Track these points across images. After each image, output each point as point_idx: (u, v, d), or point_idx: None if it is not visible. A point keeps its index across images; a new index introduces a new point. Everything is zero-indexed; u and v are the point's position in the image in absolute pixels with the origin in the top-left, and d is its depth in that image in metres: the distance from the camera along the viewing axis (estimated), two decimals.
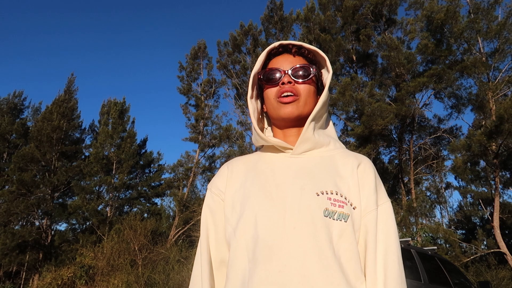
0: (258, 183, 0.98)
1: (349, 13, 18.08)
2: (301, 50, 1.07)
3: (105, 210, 22.42)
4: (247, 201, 0.95)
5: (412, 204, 16.60)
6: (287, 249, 0.86)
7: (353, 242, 0.90)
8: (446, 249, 16.70)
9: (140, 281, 12.24)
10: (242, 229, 0.93)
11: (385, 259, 0.90)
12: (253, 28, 21.96)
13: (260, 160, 1.05)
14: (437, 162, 19.08)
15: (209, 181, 1.16)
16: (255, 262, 0.88)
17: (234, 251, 0.93)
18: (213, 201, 1.05)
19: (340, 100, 16.84)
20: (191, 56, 23.69)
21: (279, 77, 1.02)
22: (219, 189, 1.05)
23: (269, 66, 1.07)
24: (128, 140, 23.34)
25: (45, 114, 23.00)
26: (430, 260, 5.83)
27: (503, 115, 13.23)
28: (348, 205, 0.92)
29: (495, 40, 16.33)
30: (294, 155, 1.01)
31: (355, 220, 0.92)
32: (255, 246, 0.89)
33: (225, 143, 22.54)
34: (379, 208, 0.96)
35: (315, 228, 0.88)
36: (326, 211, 0.89)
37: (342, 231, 0.89)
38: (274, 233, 0.89)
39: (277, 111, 1.02)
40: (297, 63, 1.03)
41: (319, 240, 0.87)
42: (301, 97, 1.01)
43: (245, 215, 0.93)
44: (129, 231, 14.51)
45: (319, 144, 1.02)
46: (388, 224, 0.95)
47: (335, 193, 0.93)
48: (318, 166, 0.99)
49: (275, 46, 1.08)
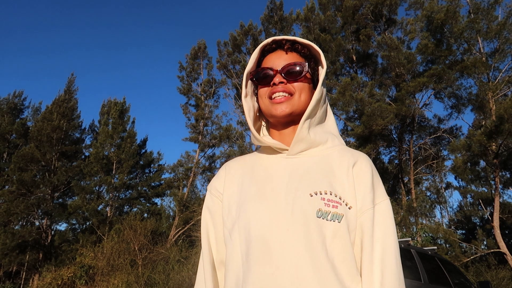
0: (254, 186, 0.98)
1: (349, 13, 18.08)
2: (294, 46, 1.04)
3: (105, 210, 22.42)
4: (242, 204, 0.96)
5: (412, 204, 16.60)
6: (280, 251, 0.86)
7: (347, 243, 0.88)
8: (446, 249, 16.69)
9: (140, 281, 12.24)
10: (237, 232, 0.93)
11: (382, 259, 0.88)
12: (253, 28, 21.96)
13: (257, 162, 1.05)
14: (437, 162, 19.08)
15: (209, 181, 1.18)
16: (249, 265, 0.88)
17: (230, 254, 0.94)
18: (213, 202, 1.05)
19: (340, 100, 16.84)
20: (191, 56, 23.69)
21: (271, 76, 1.00)
22: (218, 190, 1.05)
23: (262, 64, 1.05)
24: (128, 140, 23.34)
25: (45, 114, 23.00)
26: (430, 260, 5.82)
27: (503, 115, 13.23)
28: (343, 205, 0.91)
29: (495, 40, 16.32)
30: (290, 156, 1.00)
31: (350, 221, 0.90)
32: (248, 249, 0.89)
33: (225, 143, 22.56)
34: (376, 207, 0.93)
35: (308, 230, 0.87)
36: (319, 212, 0.88)
37: (335, 232, 0.88)
38: (268, 235, 0.88)
39: (270, 110, 1.01)
40: (290, 61, 1.01)
41: (312, 242, 0.86)
42: (295, 95, 0.99)
43: (240, 218, 0.93)
44: (129, 231, 14.51)
45: (316, 143, 1.00)
46: (386, 223, 0.92)
47: (329, 193, 0.91)
48: (313, 167, 0.97)
49: (268, 42, 1.05)
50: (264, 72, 1.02)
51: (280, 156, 1.02)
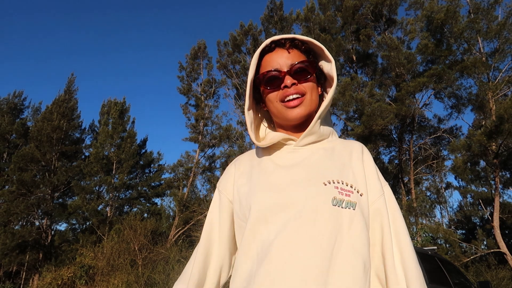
0: (263, 178, 0.97)
1: (349, 13, 18.08)
2: (294, 42, 1.02)
3: (105, 210, 22.42)
4: (253, 196, 0.94)
5: (412, 204, 16.59)
6: (296, 240, 0.86)
7: (363, 229, 0.90)
8: (446, 249, 16.69)
9: (140, 281, 12.24)
10: (251, 223, 0.92)
11: (397, 238, 0.93)
12: (253, 28, 21.96)
13: (265, 154, 1.04)
14: (437, 162, 19.07)
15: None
16: (262, 255, 0.87)
17: (244, 243, 0.93)
18: (220, 200, 1.05)
19: (340, 100, 16.84)
20: (191, 56, 23.68)
21: (280, 79, 0.98)
22: (226, 188, 1.05)
23: (264, 65, 1.02)
24: (128, 140, 23.33)
25: (45, 114, 22.99)
26: (430, 260, 5.82)
27: (503, 115, 13.23)
28: (355, 192, 0.93)
29: (495, 40, 16.31)
30: (297, 147, 1.01)
31: (363, 207, 0.93)
32: (264, 240, 0.89)
33: (225, 143, 22.55)
34: (385, 192, 0.99)
35: (324, 217, 0.87)
36: (334, 200, 0.89)
37: (352, 219, 0.89)
38: (281, 224, 0.88)
39: (283, 114, 0.99)
40: (294, 59, 0.99)
41: (329, 230, 0.87)
42: (307, 95, 0.99)
43: (252, 211, 0.92)
44: (129, 231, 14.51)
45: (322, 136, 1.02)
46: (393, 207, 0.97)
47: (341, 182, 0.93)
48: (322, 157, 0.99)
49: (267, 44, 1.02)
50: (271, 74, 0.98)
51: (287, 147, 1.02)
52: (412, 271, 0.89)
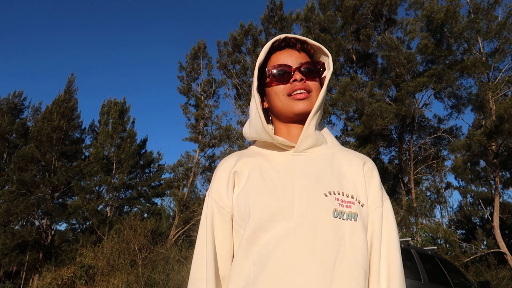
0: (263, 183, 0.95)
1: (349, 13, 18.07)
2: (304, 46, 1.06)
3: (105, 210, 22.43)
4: (252, 202, 0.92)
5: (412, 204, 16.59)
6: (295, 251, 0.85)
7: (364, 241, 0.90)
8: (446, 249, 16.70)
9: (140, 281, 12.24)
10: (250, 230, 0.90)
11: (388, 254, 0.93)
12: (253, 28, 21.96)
13: (262, 158, 1.02)
14: (437, 162, 19.07)
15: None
16: (262, 265, 0.85)
17: (241, 252, 0.90)
18: (215, 210, 1.00)
19: (340, 100, 16.83)
20: (191, 56, 23.68)
21: (290, 74, 1.00)
22: (221, 195, 0.99)
23: (274, 61, 1.04)
24: (128, 140, 23.33)
25: (45, 114, 22.99)
26: (430, 260, 5.82)
27: (503, 115, 13.23)
28: (356, 203, 0.93)
29: (495, 40, 16.30)
30: (296, 153, 1.00)
31: (364, 218, 0.93)
32: (261, 248, 0.87)
33: (225, 143, 22.54)
34: (384, 205, 0.99)
35: (324, 229, 0.87)
36: (335, 212, 0.89)
37: (353, 231, 0.89)
38: (282, 233, 0.87)
39: (288, 107, 1.00)
40: (304, 60, 1.03)
41: (330, 241, 0.86)
42: (312, 93, 1.01)
43: (251, 218, 0.90)
44: (129, 231, 14.51)
45: (320, 141, 1.01)
46: (389, 222, 0.98)
47: (342, 193, 0.93)
48: (322, 165, 0.98)
49: (280, 38, 1.05)
50: (281, 68, 1.01)
51: (286, 153, 1.01)
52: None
